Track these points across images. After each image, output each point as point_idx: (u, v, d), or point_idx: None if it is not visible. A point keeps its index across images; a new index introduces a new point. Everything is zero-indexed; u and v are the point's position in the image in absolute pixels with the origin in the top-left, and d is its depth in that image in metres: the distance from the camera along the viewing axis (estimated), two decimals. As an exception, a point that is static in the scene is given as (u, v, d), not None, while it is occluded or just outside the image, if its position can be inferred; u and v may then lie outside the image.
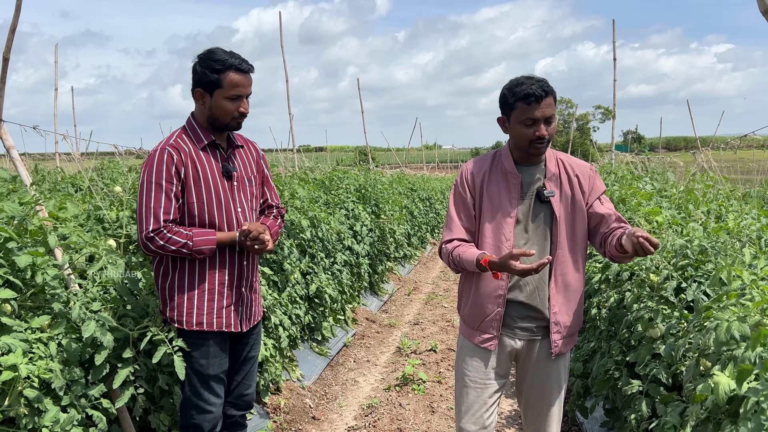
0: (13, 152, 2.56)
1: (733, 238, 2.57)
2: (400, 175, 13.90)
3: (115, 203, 3.16)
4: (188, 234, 2.29)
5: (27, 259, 2.07)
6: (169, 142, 2.33)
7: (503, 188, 2.28)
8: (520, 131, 2.19)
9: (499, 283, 2.25)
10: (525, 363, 2.38)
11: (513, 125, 2.22)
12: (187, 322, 2.36)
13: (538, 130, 2.16)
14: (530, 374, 2.38)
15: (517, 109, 2.17)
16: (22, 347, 1.93)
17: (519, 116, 2.18)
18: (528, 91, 2.13)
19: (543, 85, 2.15)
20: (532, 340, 2.32)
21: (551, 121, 2.19)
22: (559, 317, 2.28)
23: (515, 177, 2.27)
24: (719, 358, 1.80)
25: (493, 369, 2.35)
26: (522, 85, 2.16)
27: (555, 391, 2.38)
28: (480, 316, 2.31)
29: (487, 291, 2.28)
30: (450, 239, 2.33)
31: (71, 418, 2.03)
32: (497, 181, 2.29)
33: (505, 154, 2.32)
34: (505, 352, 2.34)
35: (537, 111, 2.14)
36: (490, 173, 2.31)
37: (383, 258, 7.87)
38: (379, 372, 4.96)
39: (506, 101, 2.22)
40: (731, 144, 5.43)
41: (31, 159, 7.94)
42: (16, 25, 2.54)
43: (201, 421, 2.43)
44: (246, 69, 2.34)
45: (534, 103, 2.13)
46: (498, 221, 2.26)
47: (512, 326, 2.30)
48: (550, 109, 2.16)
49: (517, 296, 2.27)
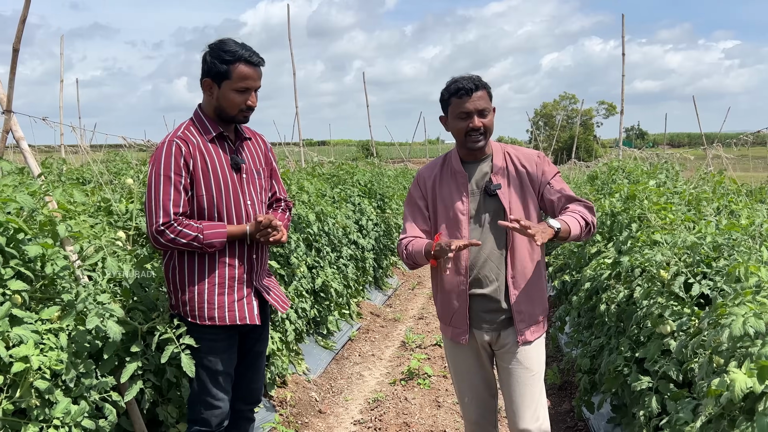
0: (23, 144, 2.55)
1: (746, 235, 2.56)
2: (404, 169, 13.88)
3: (124, 195, 3.15)
4: (198, 227, 2.27)
5: (37, 249, 2.06)
6: (177, 134, 2.31)
7: (453, 188, 2.38)
8: (456, 125, 2.31)
9: (460, 278, 2.35)
10: (498, 353, 2.44)
11: (450, 121, 2.34)
12: (200, 317, 2.35)
13: (472, 122, 2.27)
14: (503, 364, 2.43)
15: (452, 104, 2.30)
16: (34, 338, 1.92)
17: (454, 111, 2.30)
18: (459, 86, 2.26)
19: (474, 80, 2.27)
20: (498, 332, 2.38)
21: (485, 114, 2.29)
22: (521, 306, 2.34)
23: (462, 176, 2.36)
24: (733, 355, 1.79)
25: (473, 361, 2.46)
26: (456, 82, 2.29)
27: (527, 378, 2.38)
28: (449, 312, 2.43)
29: (451, 287, 2.39)
30: (404, 237, 2.46)
31: (82, 409, 2.02)
32: (447, 182, 2.40)
33: (453, 155, 2.43)
34: (477, 345, 2.43)
35: (468, 103, 2.26)
36: (441, 175, 2.43)
37: (388, 252, 7.87)
38: (385, 366, 4.96)
39: (443, 98, 2.34)
40: (743, 140, 5.40)
41: (37, 152, 7.94)
42: (26, 15, 2.53)
43: (209, 416, 2.42)
44: (256, 62, 2.32)
45: (465, 96, 2.25)
46: (452, 220, 2.36)
47: (478, 320, 2.38)
48: (483, 101, 2.27)
49: (477, 290, 2.35)
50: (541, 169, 2.38)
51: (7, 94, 2.54)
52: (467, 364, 2.48)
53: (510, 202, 2.33)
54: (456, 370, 2.53)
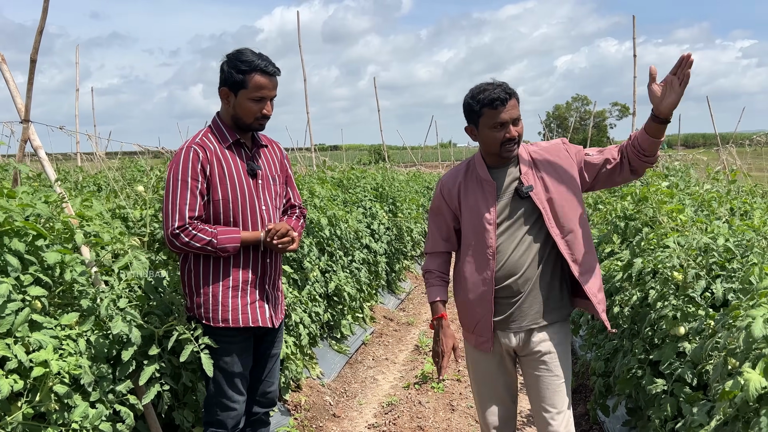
0: (41, 152, 2.60)
1: (760, 236, 2.54)
2: (416, 173, 13.89)
3: (138, 202, 3.19)
4: (213, 232, 2.31)
5: (56, 256, 2.10)
6: (195, 141, 2.38)
7: (480, 196, 2.31)
8: (490, 136, 2.23)
9: (485, 287, 2.29)
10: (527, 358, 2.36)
11: (482, 131, 2.26)
12: (213, 319, 2.39)
13: (508, 132, 2.20)
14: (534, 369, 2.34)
15: (484, 115, 2.21)
16: (53, 344, 1.96)
17: (487, 122, 2.22)
18: (492, 96, 2.17)
19: (505, 88, 2.20)
20: (529, 331, 2.33)
21: (518, 122, 2.23)
22: (594, 290, 2.29)
23: (490, 184, 2.30)
24: (747, 357, 1.78)
25: (496, 367, 2.41)
26: (485, 91, 2.20)
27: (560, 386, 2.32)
28: (472, 320, 2.37)
29: (475, 295, 2.33)
30: (429, 252, 2.50)
31: (100, 413, 2.06)
32: (473, 190, 2.33)
33: (478, 162, 2.35)
34: (502, 350, 2.38)
35: (504, 113, 2.18)
36: (465, 183, 2.36)
37: (400, 256, 7.88)
38: (398, 370, 4.97)
39: (472, 109, 2.25)
40: (756, 140, 5.34)
41: (54, 160, 8.04)
42: (44, 27, 2.58)
43: (225, 418, 2.45)
44: (272, 72, 2.37)
45: (500, 107, 2.17)
46: (479, 230, 2.30)
47: (504, 326, 2.33)
48: (515, 110, 2.21)
49: (508, 295, 2.30)
50: (573, 151, 2.33)
51: (25, 104, 2.59)
52: (490, 370, 2.42)
53: (547, 200, 2.26)
54: (477, 375, 2.47)
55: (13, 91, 2.57)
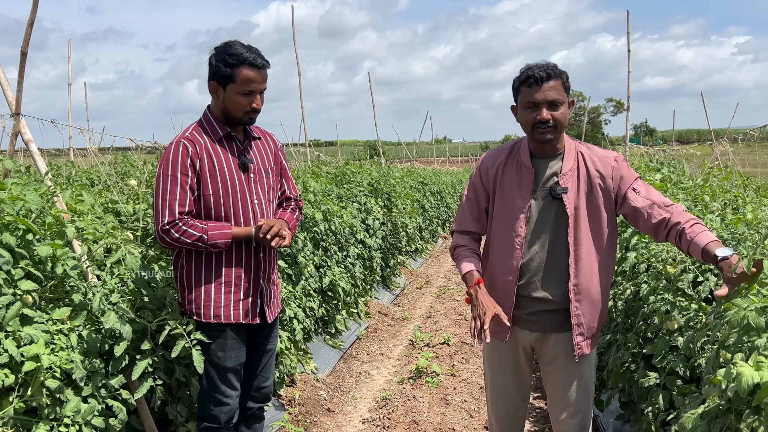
0: (32, 146, 2.58)
1: (752, 230, 2.55)
2: (411, 168, 13.88)
3: (131, 197, 3.18)
4: (203, 227, 2.30)
5: (47, 249, 2.09)
6: (185, 135, 2.35)
7: (515, 182, 2.22)
8: (524, 116, 2.14)
9: (510, 279, 2.22)
10: (546, 359, 2.32)
11: (519, 111, 2.18)
12: (205, 315, 2.38)
13: (540, 114, 2.08)
14: (553, 373, 2.31)
15: (521, 93, 2.14)
16: (44, 338, 1.95)
17: (522, 100, 2.14)
18: (530, 74, 2.09)
19: (547, 68, 2.08)
20: (546, 333, 2.27)
21: (557, 106, 2.09)
22: (582, 319, 2.20)
23: (529, 171, 2.19)
24: (740, 349, 1.78)
25: (511, 361, 2.36)
26: (528, 69, 2.11)
27: (580, 390, 2.29)
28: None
29: (498, 286, 2.26)
30: (457, 230, 2.38)
31: (92, 408, 2.05)
32: (511, 174, 2.24)
33: (523, 146, 2.25)
34: (518, 345, 2.33)
35: (537, 93, 2.07)
36: (505, 165, 2.26)
37: (395, 252, 7.87)
38: (393, 365, 4.97)
39: (513, 86, 2.19)
40: (749, 135, 5.36)
41: (46, 155, 8.00)
42: (34, 19, 2.56)
43: (218, 412, 2.45)
44: (260, 65, 2.32)
45: (534, 86, 2.08)
46: (509, 216, 2.22)
47: (524, 318, 2.26)
48: (555, 92, 2.08)
49: (530, 293, 2.23)
50: (619, 175, 2.16)
51: (16, 97, 2.57)
52: (504, 364, 2.37)
53: (575, 208, 2.15)
54: (491, 368, 2.41)
55: (3, 84, 2.55)
